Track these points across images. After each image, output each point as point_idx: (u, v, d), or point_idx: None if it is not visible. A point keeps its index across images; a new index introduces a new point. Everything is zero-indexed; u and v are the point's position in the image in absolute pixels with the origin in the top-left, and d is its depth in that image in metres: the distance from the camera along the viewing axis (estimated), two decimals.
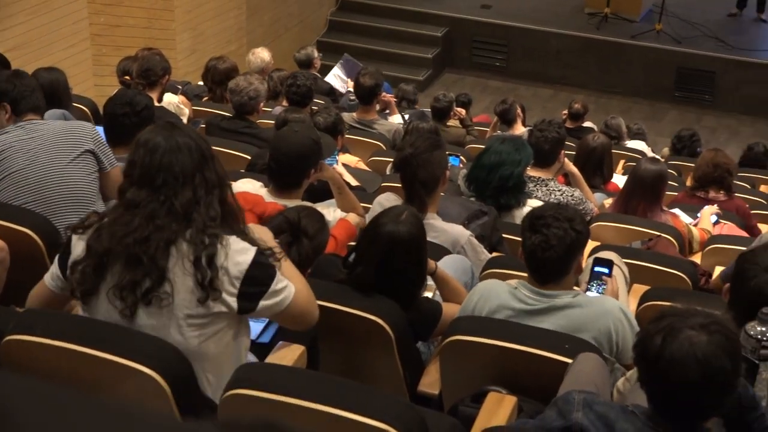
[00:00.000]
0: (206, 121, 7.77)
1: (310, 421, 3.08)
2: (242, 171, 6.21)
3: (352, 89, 10.25)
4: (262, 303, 3.39)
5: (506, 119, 10.60)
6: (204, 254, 3.25)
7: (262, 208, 4.73)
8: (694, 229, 6.54)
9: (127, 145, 3.77)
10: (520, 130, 10.20)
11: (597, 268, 4.46)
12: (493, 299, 4.05)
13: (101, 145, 5.14)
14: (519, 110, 10.67)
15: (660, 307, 3.24)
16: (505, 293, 4.04)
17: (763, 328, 3.28)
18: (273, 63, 10.12)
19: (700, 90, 15.47)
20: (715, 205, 7.00)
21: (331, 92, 11.32)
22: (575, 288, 4.22)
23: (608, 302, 4.04)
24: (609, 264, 4.49)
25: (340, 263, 4.26)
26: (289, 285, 3.47)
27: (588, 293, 4.37)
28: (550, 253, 3.87)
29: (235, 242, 3.36)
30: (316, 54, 11.49)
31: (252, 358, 3.74)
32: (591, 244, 5.72)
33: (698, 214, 6.89)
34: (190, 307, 3.30)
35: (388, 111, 9.95)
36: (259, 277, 3.37)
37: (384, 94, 9.41)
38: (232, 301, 3.32)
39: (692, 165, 8.13)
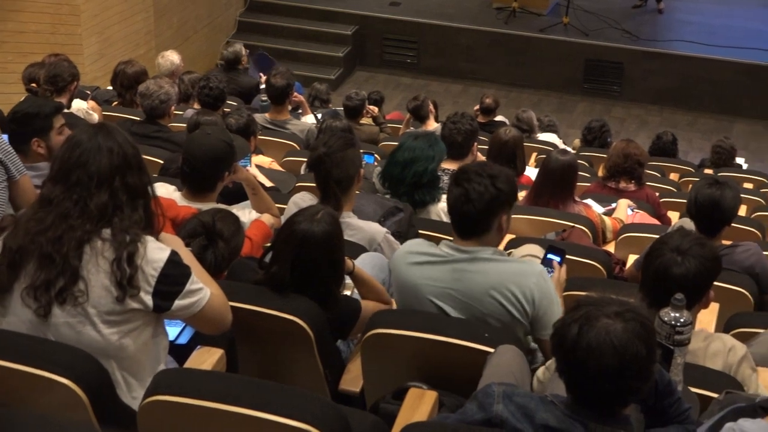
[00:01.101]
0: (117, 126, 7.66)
1: (231, 425, 3.06)
2: (155, 176, 6.14)
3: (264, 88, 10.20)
4: (177, 302, 3.37)
5: (418, 116, 10.63)
6: (125, 252, 3.24)
7: (174, 212, 4.68)
8: (606, 218, 6.62)
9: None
10: (432, 126, 10.23)
11: (549, 255, 4.52)
12: (414, 249, 4.12)
13: (8, 154, 5.06)
14: (431, 106, 10.71)
15: (576, 296, 3.26)
16: (426, 246, 4.11)
17: (677, 314, 3.33)
18: (183, 65, 10.03)
19: (609, 81, 15.67)
20: (627, 200, 7.09)
21: (257, 88, 11.27)
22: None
23: (534, 265, 4.08)
24: (562, 253, 4.53)
25: (256, 264, 4.24)
26: (204, 287, 3.46)
27: None
28: (469, 207, 3.93)
29: (152, 241, 3.35)
30: (244, 52, 11.44)
31: (170, 360, 3.71)
32: (507, 237, 5.77)
33: (613, 204, 6.98)
34: (105, 304, 3.28)
35: (300, 111, 9.93)
36: (174, 276, 3.36)
37: (296, 94, 9.38)
38: (148, 299, 3.30)
39: (603, 156, 8.24)
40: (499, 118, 11.47)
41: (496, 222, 4.01)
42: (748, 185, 10.12)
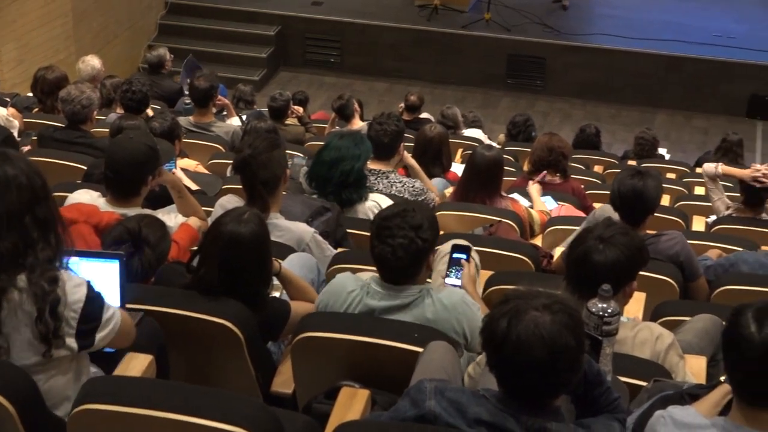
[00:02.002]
0: (38, 133, 7.58)
1: None
2: (78, 182, 6.07)
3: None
4: (98, 336, 3.33)
5: (344, 115, 10.63)
6: (47, 305, 3.13)
7: (97, 218, 4.63)
8: (533, 211, 6.67)
9: None
10: (358, 124, 10.24)
11: (455, 255, 4.52)
12: (344, 296, 4.06)
13: None
14: (356, 105, 10.72)
15: (504, 290, 3.29)
16: (357, 289, 4.05)
17: (604, 305, 3.36)
18: (104, 70, 9.92)
19: (532, 76, 15.79)
20: (536, 184, 7.14)
21: (181, 92, 11.18)
22: (429, 281, 4.25)
23: (451, 297, 4.04)
24: (467, 250, 4.54)
25: (184, 269, 4.21)
26: (114, 309, 3.41)
27: (447, 279, 4.44)
28: (398, 263, 3.89)
29: (68, 278, 3.25)
30: (168, 56, 11.34)
31: (95, 369, 3.66)
32: None
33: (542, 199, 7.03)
34: (29, 358, 3.20)
35: (225, 113, 9.87)
36: (92, 313, 3.30)
37: (220, 96, 9.32)
38: (72, 343, 3.26)
39: (528, 150, 8.29)
40: (424, 115, 11.50)
41: (424, 265, 4.01)
42: (671, 175, 10.26)
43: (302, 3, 16.60)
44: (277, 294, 4.47)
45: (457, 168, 7.91)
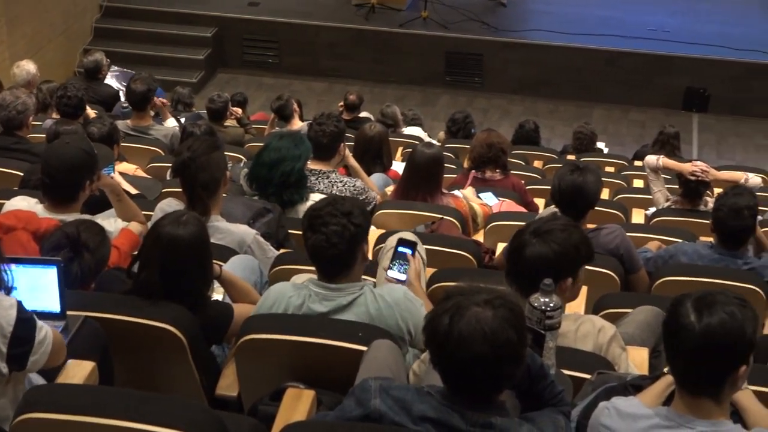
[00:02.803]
0: None
1: None
2: (15, 189, 6.00)
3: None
4: (31, 359, 3.29)
5: (283, 115, 10.61)
6: None
7: (35, 225, 4.58)
8: (476, 205, 6.68)
9: None
10: (297, 124, 10.23)
11: (401, 248, 4.51)
12: (286, 304, 4.04)
13: None
14: (295, 105, 10.70)
15: (446, 288, 3.29)
16: (298, 297, 4.03)
17: (546, 299, 3.38)
18: (39, 75, 9.81)
19: (470, 73, 15.83)
20: (469, 187, 7.16)
21: (117, 97, 11.08)
22: (364, 278, 4.24)
23: (394, 293, 4.06)
24: (412, 244, 4.54)
25: (124, 274, 4.17)
26: (46, 329, 3.37)
27: (389, 272, 4.43)
28: (333, 251, 3.90)
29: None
30: (105, 61, 11.23)
31: (37, 378, 3.62)
32: (377, 232, 5.79)
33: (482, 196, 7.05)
34: None
35: (162, 116, 9.79)
36: (24, 336, 3.27)
37: (157, 98, 9.25)
38: (3, 367, 3.21)
39: (468, 146, 8.32)
40: (363, 114, 11.50)
41: (359, 254, 4.02)
42: (610, 169, 10.35)
43: (239, 4, 16.52)
44: (219, 297, 4.45)
45: (398, 166, 7.92)
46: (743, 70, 14.95)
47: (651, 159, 7.39)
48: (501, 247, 5.77)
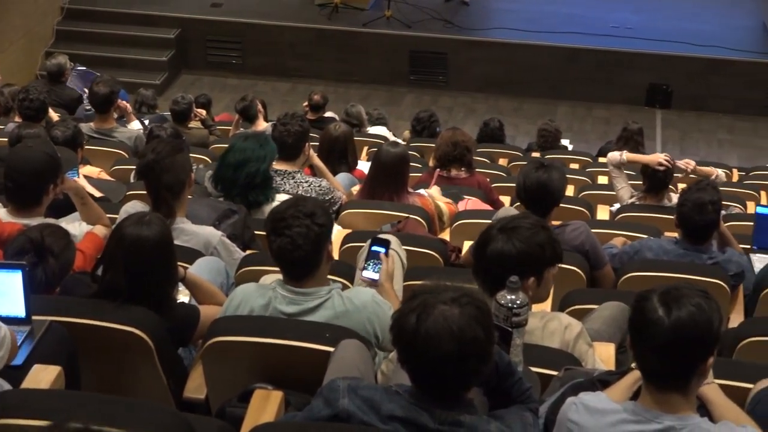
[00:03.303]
0: None
1: None
2: None
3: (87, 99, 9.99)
4: None
5: (247, 116, 10.58)
6: None
7: None
8: (441, 204, 6.69)
9: None
10: (262, 125, 10.20)
11: (374, 248, 4.52)
12: (251, 304, 4.03)
13: None
14: (259, 106, 10.67)
15: (413, 286, 3.30)
16: (262, 297, 4.03)
17: (513, 297, 3.39)
18: (1, 78, 9.74)
19: (434, 72, 15.85)
20: (434, 186, 7.17)
21: (80, 100, 11.00)
22: (330, 279, 4.24)
23: (361, 296, 4.06)
24: (386, 243, 4.54)
25: (89, 279, 4.15)
26: (4, 328, 3.35)
27: (364, 272, 4.44)
28: (299, 253, 3.89)
29: None
30: (69, 65, 11.15)
31: (2, 382, 3.59)
32: (343, 232, 5.80)
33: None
34: None
35: (125, 118, 9.74)
36: None
37: (120, 101, 9.20)
38: None
39: (433, 145, 8.32)
40: (328, 114, 11.49)
41: (324, 254, 4.02)
42: (574, 165, 10.39)
43: (201, 5, 16.45)
44: (185, 299, 4.44)
45: (364, 166, 7.93)
46: (704, 65, 15.06)
47: (614, 155, 7.41)
48: (467, 245, 5.78)
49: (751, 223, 6.70)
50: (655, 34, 15.39)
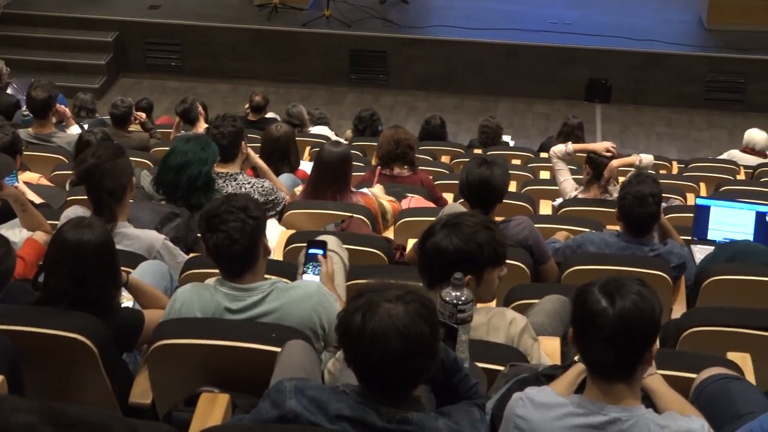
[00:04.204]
0: None
1: None
2: None
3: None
4: None
5: (188, 118, 10.51)
6: None
7: None
8: (385, 202, 6.70)
9: None
10: (203, 128, 10.11)
11: (311, 250, 4.51)
12: (195, 304, 4.01)
13: None
14: (200, 108, 10.60)
15: (358, 285, 3.30)
16: (205, 296, 4.01)
17: (458, 293, 3.40)
18: None
19: (375, 70, 15.87)
20: (377, 185, 7.17)
21: (18, 105, 10.87)
22: (267, 276, 4.23)
23: (306, 287, 4.07)
24: (323, 245, 4.54)
25: (30, 286, 4.11)
26: None
27: (304, 275, 4.43)
28: (236, 247, 3.88)
29: None
30: (5, 69, 11.01)
31: None
32: (287, 233, 5.78)
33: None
34: None
35: (64, 123, 9.65)
36: None
37: (59, 105, 9.11)
38: None
39: (375, 144, 8.33)
40: (269, 114, 11.47)
41: (261, 248, 4.02)
42: (516, 161, 10.45)
43: (139, 7, 16.34)
44: (129, 304, 4.41)
45: (306, 166, 7.91)
46: (641, 59, 15.23)
47: (559, 148, 7.45)
48: (411, 243, 5.79)
49: (692, 215, 6.79)
50: (593, 30, 15.51)
